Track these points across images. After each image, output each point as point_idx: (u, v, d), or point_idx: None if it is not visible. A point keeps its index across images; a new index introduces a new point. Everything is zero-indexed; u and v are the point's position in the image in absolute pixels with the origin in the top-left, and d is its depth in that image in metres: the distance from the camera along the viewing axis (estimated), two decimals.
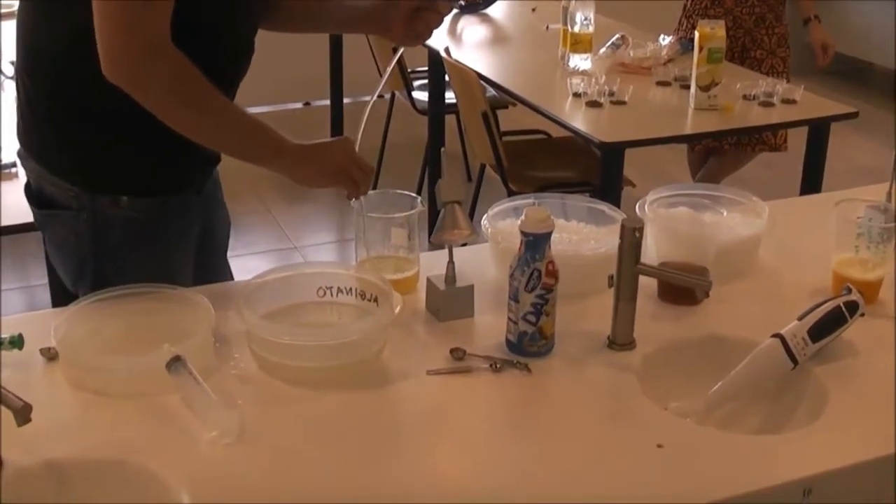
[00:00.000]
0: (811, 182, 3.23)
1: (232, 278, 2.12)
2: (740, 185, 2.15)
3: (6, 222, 2.34)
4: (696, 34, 3.09)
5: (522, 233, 1.58)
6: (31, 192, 1.95)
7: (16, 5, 4.21)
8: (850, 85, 6.39)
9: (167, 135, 1.75)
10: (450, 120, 4.50)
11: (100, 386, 1.52)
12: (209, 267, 2.03)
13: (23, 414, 1.27)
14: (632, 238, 1.62)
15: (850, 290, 1.68)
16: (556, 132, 3.58)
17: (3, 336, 1.60)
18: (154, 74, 1.67)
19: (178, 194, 1.91)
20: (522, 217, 1.59)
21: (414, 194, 1.86)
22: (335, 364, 1.56)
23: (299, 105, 6.15)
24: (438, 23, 1.96)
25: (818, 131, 3.22)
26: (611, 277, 1.65)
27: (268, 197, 4.79)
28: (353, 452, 1.41)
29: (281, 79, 4.98)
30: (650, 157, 3.85)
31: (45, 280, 2.48)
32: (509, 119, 4.20)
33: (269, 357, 1.57)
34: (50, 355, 1.60)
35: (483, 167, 3.88)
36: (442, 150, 1.71)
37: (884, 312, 1.80)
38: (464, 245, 1.80)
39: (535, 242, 1.58)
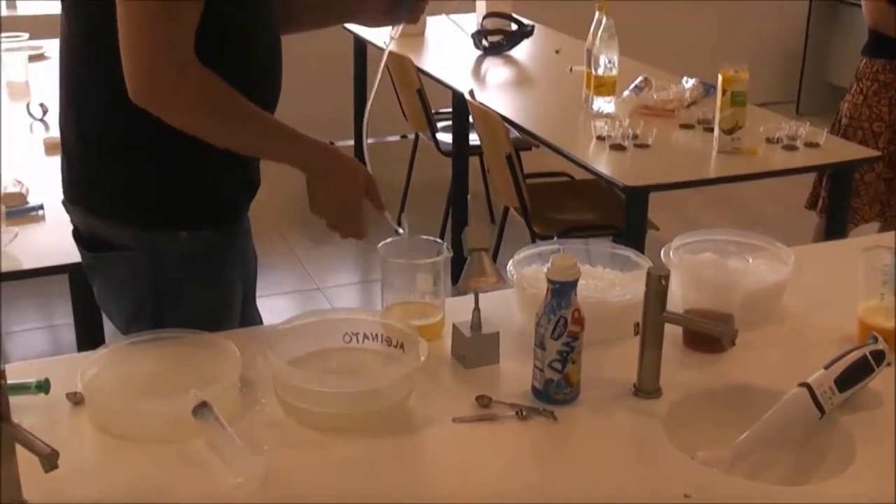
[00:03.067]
0: (836, 225, 3.22)
1: (258, 314, 2.13)
2: (762, 224, 2.15)
3: (31, 265, 2.35)
4: (720, 77, 3.09)
5: (549, 280, 1.59)
6: (81, 237, 1.97)
7: (44, 47, 4.27)
8: None
9: (217, 163, 1.81)
10: (473, 161, 4.52)
11: (125, 431, 1.52)
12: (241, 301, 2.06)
13: (50, 460, 1.27)
14: (658, 286, 1.62)
15: (876, 339, 1.67)
16: (580, 174, 3.58)
17: (30, 381, 1.60)
18: (181, 91, 1.69)
19: (232, 223, 1.94)
20: (549, 264, 1.59)
21: (440, 240, 1.86)
22: (361, 411, 1.56)
23: None
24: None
25: (841, 175, 3.22)
26: (637, 325, 1.65)
27: (292, 237, 4.80)
28: (378, 500, 1.40)
29: (305, 118, 4.99)
30: (674, 200, 3.85)
31: (68, 320, 2.51)
32: (533, 160, 4.20)
33: (295, 403, 1.57)
34: (76, 400, 1.60)
35: (507, 209, 3.89)
36: (468, 197, 1.71)
37: None
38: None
39: (562, 290, 1.58)
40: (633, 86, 3.65)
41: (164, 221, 1.87)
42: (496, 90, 4.13)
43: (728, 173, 3.11)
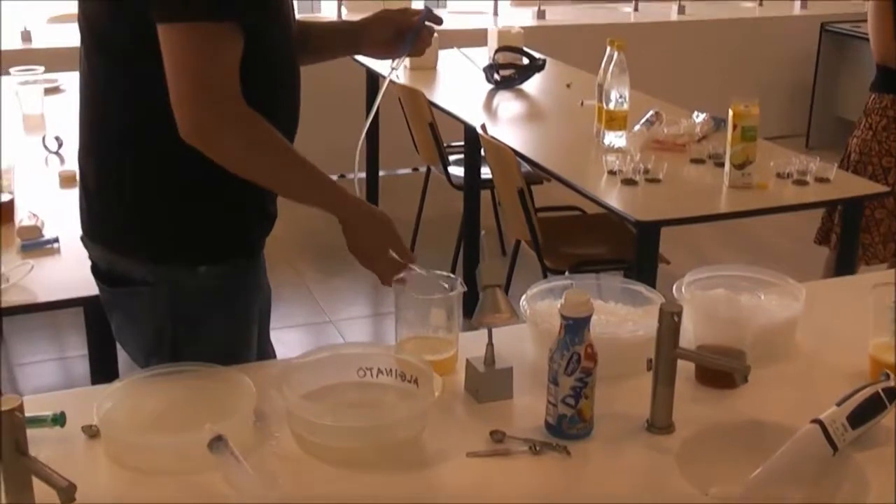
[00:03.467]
0: (846, 260, 3.22)
1: (272, 347, 2.15)
2: (773, 258, 2.16)
3: (46, 298, 2.37)
4: (730, 112, 3.11)
5: (562, 316, 1.60)
6: (100, 272, 1.99)
7: (59, 80, 4.30)
8: None
9: (235, 197, 1.85)
10: (485, 195, 4.54)
11: (141, 464, 1.53)
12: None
13: (67, 493, 1.28)
14: (670, 323, 1.63)
15: (888, 377, 1.68)
16: (591, 208, 3.59)
17: (46, 414, 1.62)
18: (229, 127, 1.74)
19: (249, 257, 1.97)
20: (562, 300, 1.60)
21: (453, 275, 1.87)
22: (375, 445, 1.57)
23: (334, 177, 6.21)
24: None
25: (852, 210, 3.23)
26: (649, 361, 1.66)
27: (304, 269, 4.82)
28: None
29: (317, 151, 5.02)
30: (685, 233, 3.86)
31: (81, 352, 2.52)
32: (544, 194, 4.22)
33: (310, 437, 1.58)
34: (91, 433, 1.61)
35: (518, 243, 3.90)
36: (482, 234, 1.73)
37: None
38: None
39: (575, 326, 1.59)
40: (644, 120, 3.66)
41: (183, 257, 1.89)
42: (508, 124, 4.16)
43: (739, 208, 3.12)
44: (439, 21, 2.09)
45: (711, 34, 6.93)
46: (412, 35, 2.06)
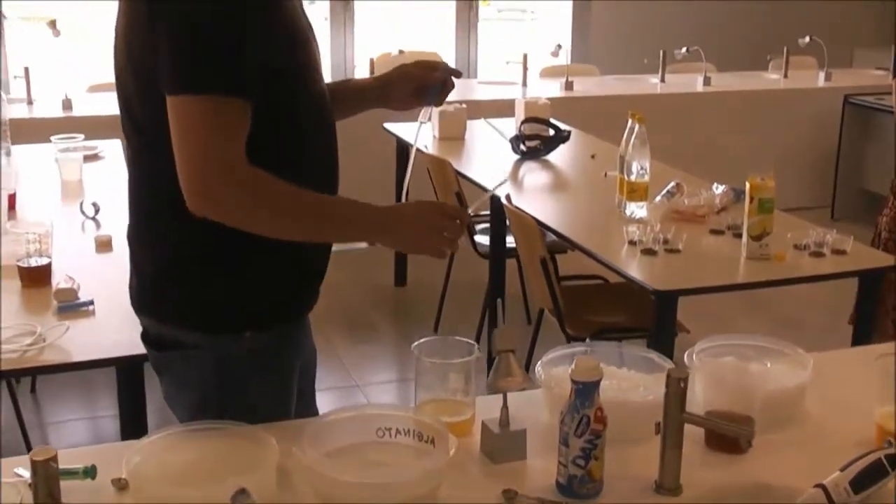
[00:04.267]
0: (863, 330, 3.27)
1: (316, 407, 2.25)
2: (797, 330, 2.22)
3: (80, 358, 2.46)
4: (747, 185, 3.18)
5: (573, 381, 1.67)
6: (150, 338, 2.07)
7: (98, 147, 4.42)
8: None
9: (280, 265, 1.95)
10: (511, 263, 4.62)
11: None
12: (300, 393, 2.15)
13: None
14: (677, 388, 1.69)
15: (891, 444, 1.73)
16: (614, 277, 3.66)
17: (77, 466, 1.69)
18: (231, 193, 1.81)
19: (295, 321, 2.07)
20: (573, 365, 1.67)
21: (471, 341, 1.94)
22: (392, 502, 1.63)
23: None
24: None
25: (868, 282, 3.28)
26: (657, 424, 1.72)
27: (334, 336, 4.92)
28: None
29: None
30: (705, 303, 3.90)
31: (111, 412, 2.60)
32: (569, 263, 4.29)
33: (330, 493, 1.64)
34: (120, 485, 1.69)
35: (542, 311, 3.97)
36: (498, 300, 1.80)
37: None
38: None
39: (585, 390, 1.66)
40: (665, 191, 3.74)
41: (230, 325, 1.98)
42: (532, 193, 4.24)
43: (755, 279, 3.18)
44: (459, 74, 2.20)
45: (736, 105, 7.02)
46: (436, 88, 2.16)
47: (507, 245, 4.47)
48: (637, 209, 3.61)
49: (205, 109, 1.77)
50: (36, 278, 2.82)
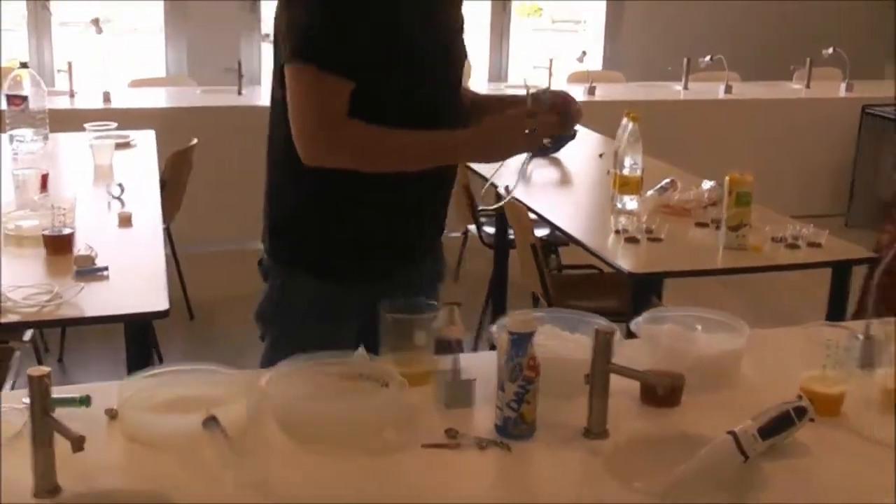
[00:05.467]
0: (835, 317, 3.44)
1: None
2: (767, 310, 2.39)
3: (92, 314, 2.71)
4: (727, 179, 3.37)
5: (509, 332, 1.87)
6: (262, 265, 2.50)
7: (130, 136, 4.69)
8: None
9: (360, 225, 2.33)
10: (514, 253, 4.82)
11: (149, 439, 1.84)
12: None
13: (77, 443, 1.59)
14: (604, 341, 1.90)
15: (800, 398, 1.92)
16: (608, 268, 3.85)
17: (74, 395, 1.93)
18: (336, 145, 2.20)
19: (358, 283, 2.37)
20: (509, 319, 1.88)
21: (434, 303, 2.15)
22: (345, 432, 1.86)
23: None
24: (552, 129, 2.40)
25: (840, 273, 3.46)
26: (586, 376, 1.92)
27: None
28: None
29: None
30: (692, 292, 4.05)
31: None
32: (571, 254, 4.49)
33: (290, 425, 1.87)
34: (112, 414, 1.92)
35: (535, 297, 4.17)
36: (443, 262, 2.01)
37: (844, 424, 2.02)
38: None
39: (519, 340, 1.86)
40: (658, 186, 3.93)
41: (301, 266, 2.40)
42: (538, 188, 4.44)
43: (730, 266, 3.37)
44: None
45: (756, 113, 7.17)
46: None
47: (510, 237, 4.68)
48: (628, 202, 3.79)
49: (306, 77, 2.16)
50: (59, 246, 3.07)
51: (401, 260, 2.43)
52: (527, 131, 2.24)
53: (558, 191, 4.55)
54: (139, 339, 2.66)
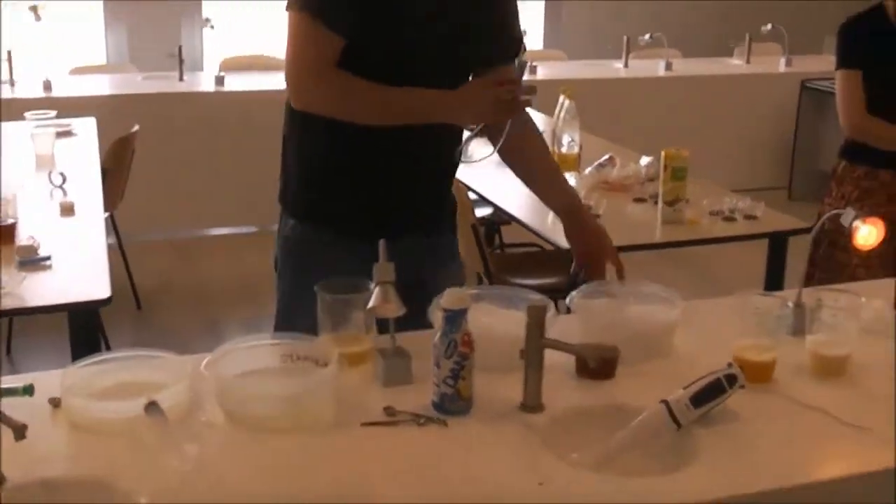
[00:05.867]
0: (773, 285, 3.51)
1: None
2: (708, 282, 2.44)
3: (35, 304, 2.71)
4: (662, 154, 3.43)
5: (443, 309, 1.91)
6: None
7: (72, 125, 4.64)
8: None
9: (356, 181, 2.44)
10: None
11: (91, 425, 1.86)
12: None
13: (20, 431, 1.61)
14: (537, 315, 1.94)
15: (730, 366, 1.97)
16: (549, 246, 3.90)
17: (17, 385, 1.94)
18: (319, 91, 2.30)
19: (342, 233, 2.47)
20: (443, 297, 1.92)
21: (370, 281, 2.18)
22: (284, 412, 1.89)
23: None
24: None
25: (776, 244, 3.53)
26: (521, 351, 1.96)
27: None
28: (292, 485, 1.72)
29: None
30: (631, 265, 4.10)
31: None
32: (514, 233, 4.53)
33: (230, 406, 1.90)
34: (55, 403, 1.93)
35: (479, 275, 4.21)
36: (381, 241, 2.04)
37: (775, 389, 2.09)
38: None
39: (453, 317, 1.90)
40: (597, 163, 3.98)
41: (288, 209, 2.55)
42: (479, 169, 4.44)
43: (668, 239, 3.43)
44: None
45: (697, 89, 7.25)
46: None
47: None
48: (568, 179, 3.83)
49: (300, 24, 2.28)
50: (1, 237, 3.07)
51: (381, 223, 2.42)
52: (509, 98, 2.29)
53: (499, 170, 4.52)
54: (84, 328, 2.67)
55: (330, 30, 2.27)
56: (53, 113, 4.81)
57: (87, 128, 4.87)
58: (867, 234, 2.36)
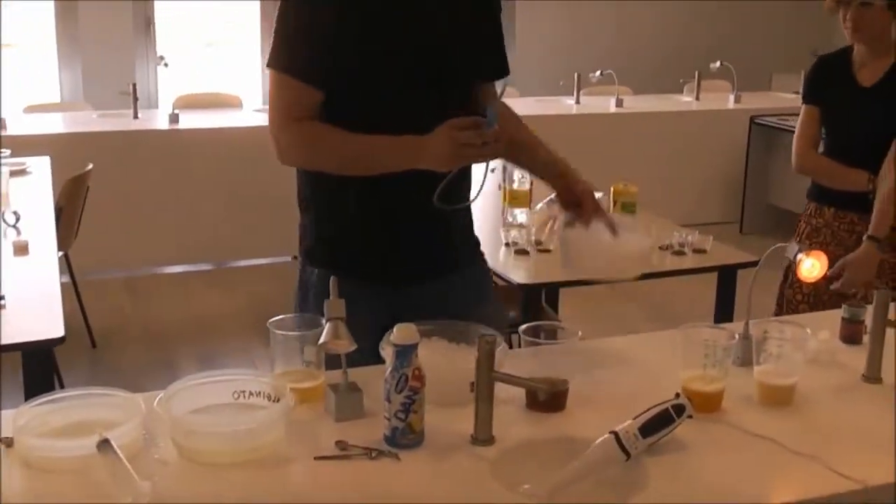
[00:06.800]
0: (723, 318, 3.57)
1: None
2: (659, 315, 2.49)
3: None
4: (611, 189, 3.48)
5: (393, 344, 1.94)
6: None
7: (26, 164, 4.61)
8: None
9: (365, 227, 2.47)
10: None
11: (43, 464, 1.86)
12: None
13: None
14: (486, 350, 1.97)
15: (678, 396, 2.01)
16: (502, 281, 3.93)
17: None
18: (288, 141, 2.36)
19: (365, 280, 2.45)
20: (393, 332, 1.95)
21: (321, 317, 2.20)
22: (237, 448, 1.90)
23: None
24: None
25: (725, 277, 3.59)
26: (472, 384, 1.99)
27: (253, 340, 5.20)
28: None
29: None
30: (589, 298, 4.17)
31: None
32: None
33: (183, 442, 1.91)
34: (7, 443, 1.94)
35: None
36: (332, 278, 2.07)
37: (723, 419, 2.13)
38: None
39: (403, 352, 1.93)
40: (548, 199, 4.02)
41: (305, 258, 2.57)
42: None
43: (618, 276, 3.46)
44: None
45: (648, 126, 7.35)
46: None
47: None
48: (518, 215, 3.89)
49: (272, 79, 2.35)
50: None
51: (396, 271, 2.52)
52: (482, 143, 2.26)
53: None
54: (38, 368, 2.67)
55: (303, 82, 2.32)
56: (8, 152, 4.79)
57: (41, 166, 4.87)
58: (810, 266, 2.42)
